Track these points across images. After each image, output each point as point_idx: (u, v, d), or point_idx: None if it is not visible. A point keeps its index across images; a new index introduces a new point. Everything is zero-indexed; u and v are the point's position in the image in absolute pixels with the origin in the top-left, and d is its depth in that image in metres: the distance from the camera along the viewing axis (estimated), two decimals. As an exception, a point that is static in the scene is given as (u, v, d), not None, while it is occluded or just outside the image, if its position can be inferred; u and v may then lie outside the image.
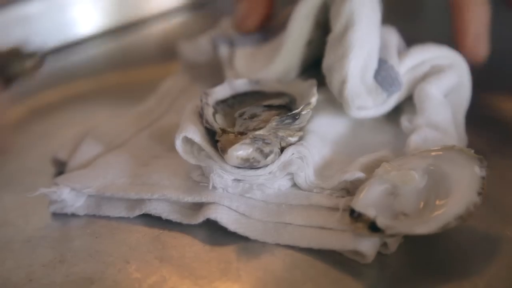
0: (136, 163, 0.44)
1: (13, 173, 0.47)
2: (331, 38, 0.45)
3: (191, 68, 0.57)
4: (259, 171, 0.39)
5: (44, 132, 0.52)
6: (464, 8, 0.47)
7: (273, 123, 0.40)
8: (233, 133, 0.40)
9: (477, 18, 0.46)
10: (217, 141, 0.40)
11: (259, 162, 0.39)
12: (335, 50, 0.44)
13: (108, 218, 0.41)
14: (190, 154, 0.40)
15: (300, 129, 0.41)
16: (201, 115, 0.42)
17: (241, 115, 0.43)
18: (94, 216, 0.41)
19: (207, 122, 0.41)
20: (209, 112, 0.42)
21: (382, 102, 0.44)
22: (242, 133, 0.40)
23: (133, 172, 0.43)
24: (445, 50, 0.46)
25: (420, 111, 0.44)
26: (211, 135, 0.41)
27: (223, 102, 0.45)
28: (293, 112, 0.41)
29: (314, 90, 0.43)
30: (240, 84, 0.46)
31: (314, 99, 0.42)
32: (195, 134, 0.40)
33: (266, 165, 0.39)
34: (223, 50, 0.53)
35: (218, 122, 0.42)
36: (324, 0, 0.47)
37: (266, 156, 0.39)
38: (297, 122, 0.41)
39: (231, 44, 0.53)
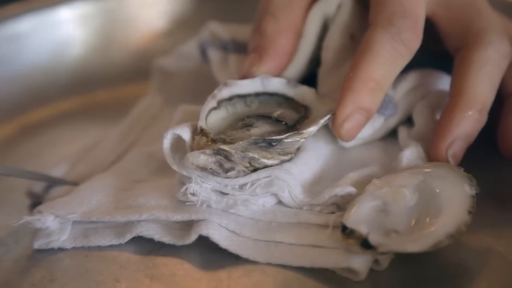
0: (120, 188, 0.43)
1: (3, 192, 0.46)
2: (322, 70, 0.46)
3: (167, 83, 0.56)
4: (226, 181, 0.39)
5: (35, 150, 0.52)
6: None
7: (244, 143, 0.39)
8: (208, 137, 0.40)
9: None
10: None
11: (218, 174, 0.39)
12: (327, 82, 0.45)
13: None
14: (172, 160, 0.40)
15: (286, 153, 0.41)
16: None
17: (243, 119, 0.43)
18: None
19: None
20: (208, 106, 0.42)
21: (379, 126, 0.44)
22: (215, 141, 0.40)
23: (118, 196, 0.42)
24: (443, 77, 0.47)
25: (417, 125, 0.44)
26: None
27: (240, 97, 0.44)
28: (271, 137, 0.40)
29: (320, 121, 0.41)
30: (275, 83, 0.45)
31: (310, 130, 0.41)
32: (185, 132, 0.40)
33: (228, 178, 0.39)
34: (214, 54, 0.52)
35: (211, 119, 0.42)
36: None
37: (226, 171, 0.39)
38: (277, 147, 0.40)
39: (224, 48, 0.53)
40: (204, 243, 0.38)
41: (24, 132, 0.55)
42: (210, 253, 0.38)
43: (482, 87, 0.42)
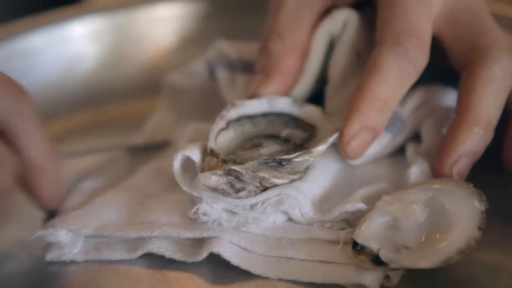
0: (132, 203, 0.43)
1: (17, 206, 0.47)
2: (329, 87, 0.46)
3: (177, 99, 0.56)
4: (237, 201, 0.39)
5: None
6: None
7: (255, 163, 0.40)
8: (218, 158, 0.40)
9: None
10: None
11: (229, 194, 0.39)
12: (335, 100, 0.45)
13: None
14: (183, 180, 0.40)
15: (295, 172, 0.41)
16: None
17: (251, 139, 0.43)
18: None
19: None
20: (216, 127, 0.42)
21: (387, 143, 0.45)
22: (225, 161, 0.40)
23: (130, 211, 0.42)
24: (450, 93, 0.47)
25: (424, 141, 0.45)
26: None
27: (248, 117, 0.44)
28: (282, 157, 0.40)
29: (329, 139, 0.42)
30: (282, 103, 0.45)
31: (319, 149, 0.41)
32: (195, 153, 0.40)
33: (239, 198, 0.39)
34: (222, 74, 0.52)
35: (220, 140, 0.42)
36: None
37: (237, 191, 0.39)
38: (287, 166, 0.40)
39: (232, 67, 0.53)
40: (216, 258, 0.38)
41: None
42: (222, 269, 0.38)
43: (487, 104, 0.42)
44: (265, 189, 0.40)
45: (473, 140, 0.41)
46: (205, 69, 0.55)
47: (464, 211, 0.37)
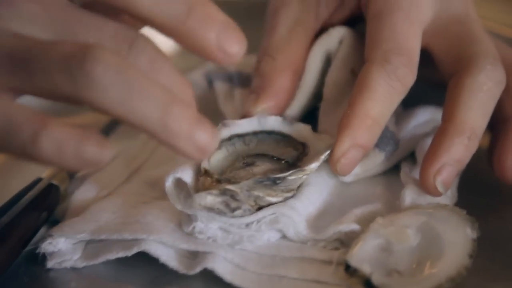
0: (129, 205, 0.44)
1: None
2: (323, 105, 0.47)
3: None
4: (232, 220, 0.40)
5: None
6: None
7: (249, 182, 0.40)
8: (212, 178, 0.40)
9: None
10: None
11: (225, 213, 0.40)
12: (329, 117, 0.45)
13: (105, 262, 0.41)
14: (177, 199, 0.41)
15: (289, 190, 0.41)
16: None
17: (243, 158, 0.43)
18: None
19: None
20: None
21: (380, 162, 0.45)
22: (219, 181, 0.40)
23: (127, 212, 0.43)
24: None
25: (418, 161, 0.45)
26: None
27: (239, 136, 0.45)
28: (275, 176, 0.40)
29: (321, 157, 0.42)
30: (272, 122, 0.45)
31: (311, 166, 0.42)
32: (187, 174, 0.40)
33: (234, 217, 0.40)
34: (220, 86, 0.53)
35: (213, 159, 0.42)
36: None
37: (232, 210, 0.40)
38: (281, 184, 0.41)
39: (229, 80, 0.54)
40: (208, 273, 0.39)
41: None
42: (214, 284, 0.39)
43: (472, 114, 0.42)
44: (259, 207, 0.40)
45: (457, 149, 0.41)
46: (204, 80, 0.55)
47: (456, 239, 0.38)
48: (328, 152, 0.42)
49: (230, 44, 0.34)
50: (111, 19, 0.35)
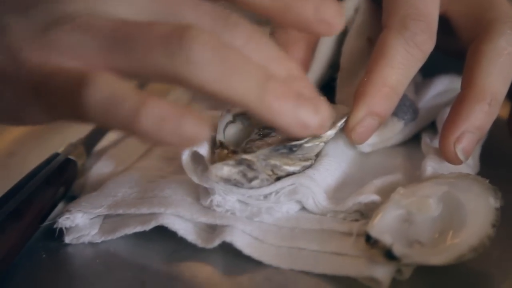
0: (146, 180, 0.44)
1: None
2: (341, 75, 0.46)
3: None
4: (250, 192, 0.39)
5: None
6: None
7: (266, 151, 0.39)
8: (228, 149, 0.40)
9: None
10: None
11: (242, 184, 0.39)
12: (346, 87, 0.44)
13: (123, 236, 0.41)
14: (193, 172, 0.40)
15: (306, 159, 0.41)
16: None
17: (259, 130, 0.43)
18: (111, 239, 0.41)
19: (215, 130, 0.41)
20: (224, 120, 0.42)
21: (399, 130, 0.44)
22: (235, 152, 0.40)
23: (144, 187, 0.42)
24: None
25: (440, 133, 0.44)
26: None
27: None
28: (292, 143, 0.40)
29: (337, 124, 0.42)
30: None
31: (328, 133, 0.41)
32: (203, 147, 0.40)
33: (252, 188, 0.39)
34: None
35: (229, 133, 0.42)
36: None
37: (250, 180, 0.39)
38: (297, 152, 0.40)
39: None
40: (226, 248, 0.38)
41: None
42: (232, 257, 0.38)
43: (492, 79, 0.41)
44: (277, 177, 0.40)
45: (477, 115, 0.41)
46: None
47: (479, 208, 0.37)
48: (344, 119, 0.42)
49: (329, 15, 0.36)
50: None
